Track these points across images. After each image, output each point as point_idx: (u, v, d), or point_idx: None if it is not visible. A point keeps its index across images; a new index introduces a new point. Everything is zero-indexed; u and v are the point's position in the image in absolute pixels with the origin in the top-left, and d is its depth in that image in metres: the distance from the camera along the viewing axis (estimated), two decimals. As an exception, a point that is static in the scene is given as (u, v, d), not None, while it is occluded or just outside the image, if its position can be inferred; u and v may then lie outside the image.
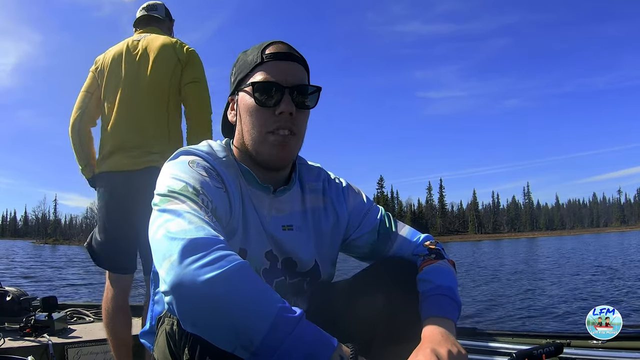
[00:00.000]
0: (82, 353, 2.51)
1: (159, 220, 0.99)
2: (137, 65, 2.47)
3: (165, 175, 1.14)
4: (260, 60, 1.24)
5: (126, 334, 2.37)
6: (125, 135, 2.40)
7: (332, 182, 1.46)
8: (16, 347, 2.35)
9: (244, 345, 0.85)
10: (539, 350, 1.16)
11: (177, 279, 0.86)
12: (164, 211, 1.01)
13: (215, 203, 1.10)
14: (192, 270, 0.85)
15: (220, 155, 1.26)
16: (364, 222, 1.43)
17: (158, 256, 0.93)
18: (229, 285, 0.85)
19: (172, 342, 1.09)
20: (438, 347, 1.01)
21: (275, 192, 1.31)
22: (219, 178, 1.18)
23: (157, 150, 2.35)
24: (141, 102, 2.43)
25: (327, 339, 0.90)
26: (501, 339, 2.33)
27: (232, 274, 0.86)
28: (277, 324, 0.84)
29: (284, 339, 0.84)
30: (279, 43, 1.27)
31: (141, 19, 2.72)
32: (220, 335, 0.87)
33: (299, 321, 0.87)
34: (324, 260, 1.37)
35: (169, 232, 0.94)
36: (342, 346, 0.90)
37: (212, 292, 0.84)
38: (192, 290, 0.84)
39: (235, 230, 1.21)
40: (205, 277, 0.84)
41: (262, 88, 1.22)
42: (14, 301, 2.74)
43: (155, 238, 0.97)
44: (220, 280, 0.84)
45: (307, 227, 1.36)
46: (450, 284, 1.21)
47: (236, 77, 1.30)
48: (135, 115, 2.42)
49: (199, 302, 0.85)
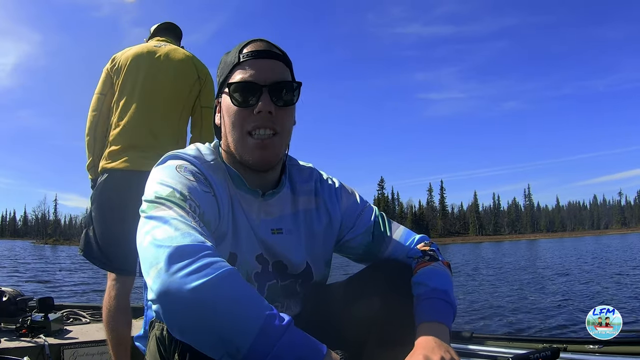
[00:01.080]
0: (78, 354, 2.51)
1: (146, 227, 0.99)
2: (158, 70, 2.52)
3: (153, 181, 1.13)
4: (237, 60, 1.23)
5: (126, 334, 2.36)
6: (141, 134, 2.44)
7: (324, 182, 1.44)
8: (12, 347, 2.35)
9: (231, 354, 0.84)
10: (535, 354, 1.16)
11: (163, 287, 0.85)
12: (150, 218, 1.01)
13: (203, 208, 1.09)
14: (178, 278, 0.85)
15: (208, 159, 1.25)
16: (358, 222, 1.41)
17: (145, 264, 0.92)
18: (216, 292, 0.84)
19: (162, 347, 1.08)
20: (431, 354, 1.00)
21: (264, 195, 1.29)
22: (207, 182, 1.17)
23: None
24: (158, 106, 2.48)
25: (316, 345, 0.89)
26: (498, 344, 2.32)
27: (219, 281, 0.85)
28: (265, 332, 0.84)
29: (271, 347, 0.83)
30: (258, 41, 1.25)
31: (162, 27, 2.81)
32: (207, 343, 0.86)
33: (287, 328, 0.86)
34: (316, 262, 1.36)
35: (155, 239, 0.93)
36: (331, 353, 0.90)
37: (198, 300, 0.83)
38: (179, 298, 0.84)
39: (225, 234, 1.20)
40: (192, 285, 0.83)
41: (239, 88, 1.20)
42: (10, 301, 2.73)
43: (142, 246, 0.96)
44: (207, 287, 0.84)
45: (298, 230, 1.35)
46: (444, 286, 1.20)
47: (219, 80, 1.29)
48: (152, 118, 2.47)
49: (186, 310, 0.84)
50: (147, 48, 2.59)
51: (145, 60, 2.54)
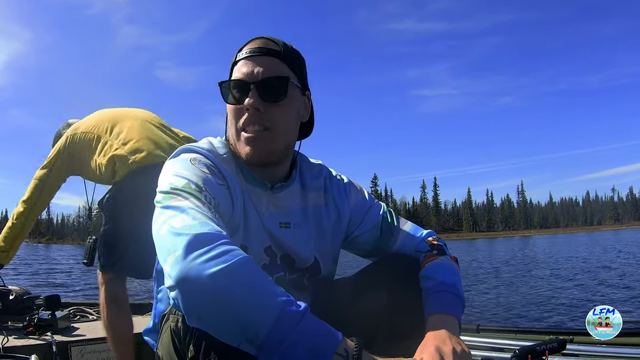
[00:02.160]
0: (86, 351, 2.51)
1: (163, 217, 1.00)
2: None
3: (168, 173, 1.14)
4: (235, 59, 1.25)
5: (126, 332, 2.36)
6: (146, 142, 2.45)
7: (333, 179, 1.46)
8: (20, 345, 2.35)
9: (250, 339, 0.85)
10: (542, 346, 1.17)
11: (182, 273, 0.86)
12: (167, 207, 1.02)
13: (218, 199, 1.10)
14: (197, 264, 0.86)
15: (220, 152, 1.26)
16: (366, 219, 1.43)
17: (162, 252, 0.93)
18: (234, 279, 0.85)
19: (177, 339, 1.09)
20: (442, 345, 1.01)
21: (273, 188, 1.31)
22: (221, 175, 1.19)
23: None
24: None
25: (332, 332, 0.90)
26: (504, 336, 2.35)
27: (237, 268, 0.86)
28: (283, 318, 0.84)
29: (289, 332, 0.84)
30: (257, 39, 1.26)
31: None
32: (225, 329, 0.87)
33: (304, 315, 0.87)
34: (325, 257, 1.38)
35: (173, 227, 0.94)
36: (346, 340, 0.91)
37: (217, 285, 0.84)
38: (198, 284, 0.85)
39: (238, 226, 1.21)
40: (211, 271, 0.84)
41: (231, 86, 1.23)
42: (17, 300, 2.73)
43: (160, 234, 0.97)
44: (225, 274, 0.85)
45: (307, 224, 1.36)
46: (453, 280, 1.22)
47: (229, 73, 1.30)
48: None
49: (205, 296, 0.85)
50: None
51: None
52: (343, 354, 0.88)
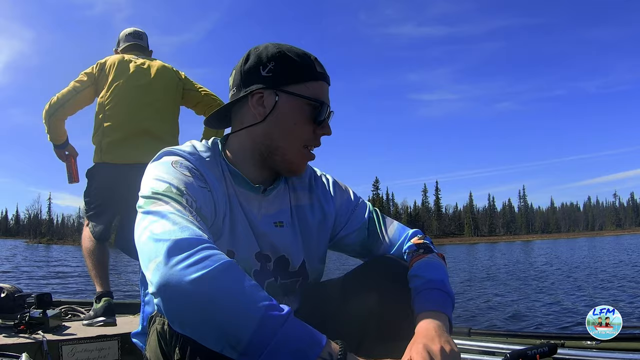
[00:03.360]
0: (77, 350, 2.49)
1: (144, 223, 1.00)
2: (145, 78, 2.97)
3: (149, 177, 1.14)
4: (314, 76, 1.26)
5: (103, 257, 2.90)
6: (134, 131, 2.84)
7: (318, 178, 1.47)
8: (10, 343, 2.33)
9: (232, 345, 0.85)
10: (533, 350, 1.16)
11: (163, 279, 0.86)
12: (148, 213, 1.01)
13: (200, 203, 1.10)
14: (178, 270, 0.85)
15: (204, 156, 1.26)
16: (352, 219, 1.44)
17: (144, 258, 0.93)
18: (215, 284, 0.85)
19: (164, 342, 1.09)
20: (431, 343, 1.01)
21: (265, 191, 1.31)
22: (203, 178, 1.18)
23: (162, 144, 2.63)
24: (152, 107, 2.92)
25: (316, 336, 0.90)
26: (495, 339, 2.33)
27: (218, 273, 0.86)
28: (264, 323, 0.84)
29: (271, 338, 0.84)
30: (316, 59, 1.30)
31: (129, 47, 3.22)
32: (208, 335, 0.87)
33: (287, 319, 0.87)
34: (311, 257, 1.38)
35: (154, 233, 0.94)
36: (331, 343, 0.90)
37: (198, 291, 0.84)
38: (179, 290, 0.85)
39: (222, 231, 1.21)
40: (192, 277, 0.84)
41: (319, 104, 1.25)
42: (8, 298, 2.71)
43: (141, 241, 0.97)
44: (206, 279, 0.85)
45: (294, 224, 1.37)
46: (441, 277, 1.22)
47: (276, 75, 1.25)
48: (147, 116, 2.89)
49: (186, 302, 0.85)
50: (129, 58, 3.04)
51: (132, 68, 2.97)
52: (327, 357, 0.87)
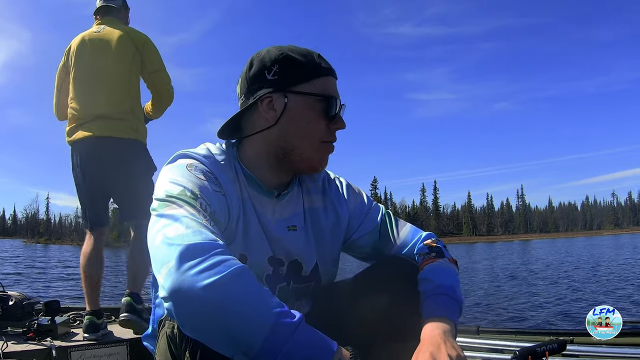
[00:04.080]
0: (85, 356, 2.50)
1: (157, 226, 1.00)
2: (98, 52, 2.89)
3: (164, 180, 1.14)
4: (319, 72, 1.27)
5: (97, 276, 2.83)
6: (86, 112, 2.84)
7: (332, 182, 1.47)
8: (19, 350, 2.34)
9: (243, 351, 0.85)
10: (542, 347, 1.17)
11: (175, 285, 0.86)
12: (161, 216, 1.02)
13: (214, 207, 1.10)
14: (190, 276, 0.85)
15: (218, 159, 1.25)
16: (365, 222, 1.43)
17: (156, 262, 0.93)
18: (227, 290, 0.85)
19: (173, 345, 1.09)
20: (437, 351, 1.01)
21: (279, 195, 1.32)
22: (217, 182, 1.18)
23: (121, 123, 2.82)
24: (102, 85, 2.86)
25: (327, 342, 0.90)
26: (504, 337, 2.34)
27: (230, 279, 0.86)
28: (276, 329, 0.84)
29: (283, 344, 0.84)
30: (320, 55, 1.31)
31: (99, 9, 3.08)
32: (219, 341, 0.87)
33: (298, 325, 0.87)
34: (324, 260, 1.38)
35: (167, 237, 0.94)
36: (341, 349, 0.91)
37: (210, 297, 0.84)
38: (191, 296, 0.85)
39: (235, 235, 1.21)
40: (204, 283, 0.84)
41: (329, 100, 1.26)
42: (16, 305, 2.72)
43: (154, 244, 0.97)
44: (218, 285, 0.85)
45: (307, 227, 1.37)
46: (451, 282, 1.21)
47: (282, 77, 1.25)
48: (98, 96, 2.84)
49: (198, 308, 0.85)
50: (88, 35, 2.96)
51: (87, 46, 2.91)
52: None
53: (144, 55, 2.94)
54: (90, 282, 2.81)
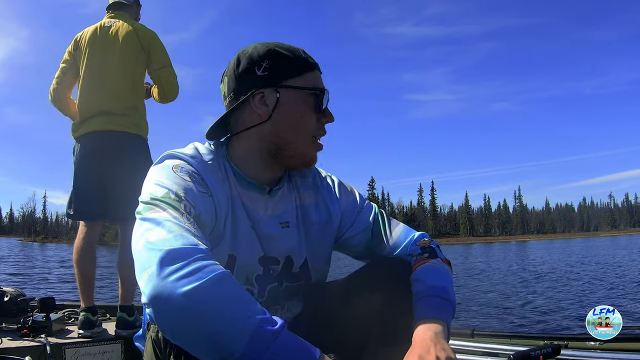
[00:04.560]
0: (80, 353, 2.50)
1: (140, 230, 0.99)
2: (106, 48, 2.93)
3: (150, 181, 1.13)
4: (309, 66, 1.28)
5: (90, 272, 2.87)
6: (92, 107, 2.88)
7: (323, 179, 1.46)
8: (14, 347, 2.34)
9: (224, 358, 0.84)
10: (536, 351, 1.18)
11: (155, 291, 0.85)
12: (145, 220, 1.01)
13: (199, 209, 1.09)
14: (169, 282, 0.85)
15: (206, 159, 1.24)
16: (357, 220, 1.43)
17: (138, 267, 0.92)
18: (208, 296, 0.85)
19: (158, 349, 1.09)
20: (426, 353, 1.01)
21: (271, 192, 1.31)
22: (204, 183, 1.17)
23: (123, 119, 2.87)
24: (108, 81, 2.89)
25: (309, 350, 0.89)
26: (499, 340, 2.33)
27: (211, 284, 0.85)
28: (257, 336, 0.84)
29: (264, 351, 0.83)
30: (304, 51, 1.31)
31: (112, 4, 3.13)
32: (199, 348, 0.86)
33: (280, 332, 0.86)
34: (315, 257, 1.37)
35: (148, 242, 0.93)
36: (324, 357, 0.90)
37: (190, 304, 0.83)
38: (171, 303, 0.84)
39: (222, 235, 1.20)
40: (183, 290, 0.83)
41: (319, 94, 1.27)
42: (11, 302, 2.72)
43: (136, 249, 0.96)
44: (199, 291, 0.84)
45: (298, 224, 1.36)
46: (443, 283, 1.21)
47: (272, 72, 1.25)
48: (103, 91, 2.88)
49: (178, 315, 0.84)
50: (99, 28, 2.99)
51: (97, 40, 2.95)
52: None
53: (150, 52, 2.98)
54: (83, 278, 2.83)
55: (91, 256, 2.87)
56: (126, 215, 2.85)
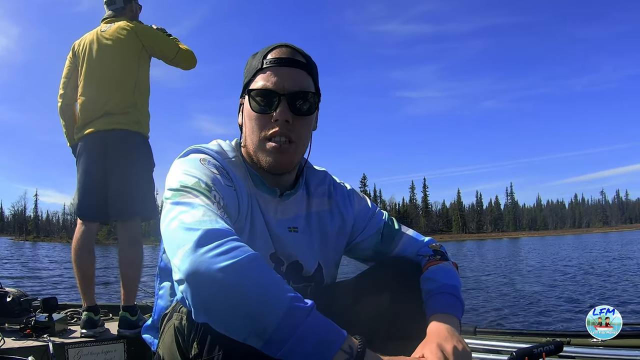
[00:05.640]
0: (83, 353, 2.50)
1: (173, 213, 1.02)
2: (106, 55, 2.95)
3: (177, 171, 1.16)
4: (260, 66, 1.26)
5: (90, 271, 2.88)
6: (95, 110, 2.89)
7: (337, 186, 1.49)
8: (17, 347, 2.33)
9: (257, 333, 0.87)
10: (539, 348, 1.19)
11: (192, 266, 0.88)
12: (177, 204, 1.04)
13: (226, 200, 1.12)
14: (207, 258, 0.88)
15: (229, 155, 1.29)
16: (369, 225, 1.46)
17: (172, 246, 0.96)
18: (244, 273, 0.88)
19: (181, 337, 1.10)
20: (444, 342, 1.04)
21: (282, 195, 1.33)
22: (229, 177, 1.21)
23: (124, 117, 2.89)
24: (111, 84, 2.91)
25: (337, 329, 0.93)
26: (501, 338, 2.36)
27: (247, 262, 0.89)
28: (291, 312, 0.87)
29: (297, 327, 0.86)
30: (283, 47, 1.28)
31: (107, 17, 3.12)
32: (233, 323, 0.89)
33: (311, 311, 0.90)
34: (328, 263, 1.40)
35: (184, 222, 0.97)
36: (351, 337, 0.93)
37: (227, 279, 0.86)
38: (207, 277, 0.87)
39: (243, 229, 1.23)
40: (221, 265, 0.86)
41: (259, 95, 1.25)
42: (14, 302, 2.71)
43: (169, 229, 0.99)
44: (235, 268, 0.87)
45: (311, 230, 1.39)
46: (455, 283, 1.26)
47: (244, 81, 1.31)
48: (105, 95, 2.89)
49: (214, 289, 0.87)
50: (95, 35, 3.00)
51: (94, 47, 2.97)
52: (347, 350, 0.90)
53: (154, 48, 3.01)
54: (83, 277, 2.84)
55: (90, 255, 2.88)
56: (126, 212, 2.87)
